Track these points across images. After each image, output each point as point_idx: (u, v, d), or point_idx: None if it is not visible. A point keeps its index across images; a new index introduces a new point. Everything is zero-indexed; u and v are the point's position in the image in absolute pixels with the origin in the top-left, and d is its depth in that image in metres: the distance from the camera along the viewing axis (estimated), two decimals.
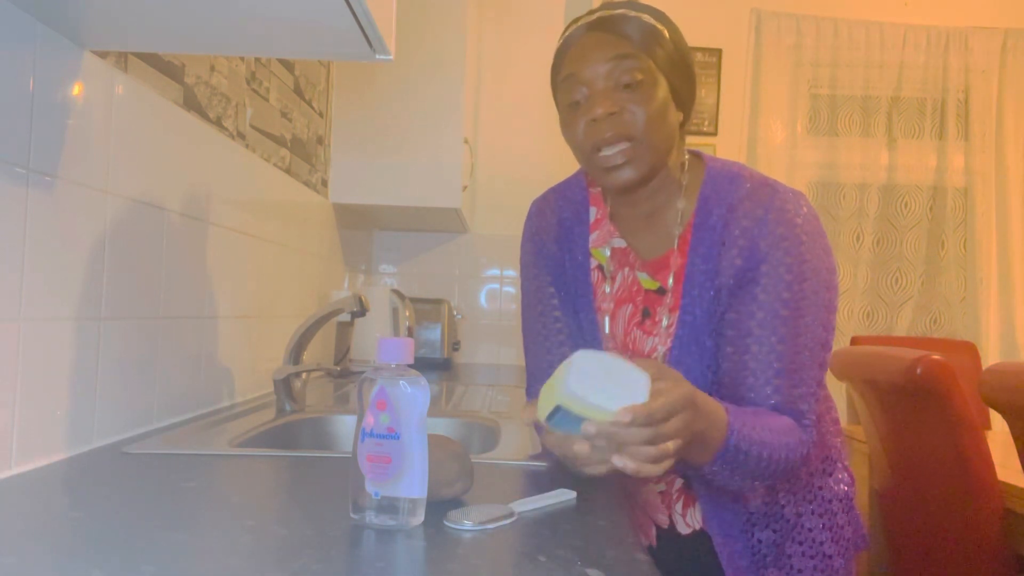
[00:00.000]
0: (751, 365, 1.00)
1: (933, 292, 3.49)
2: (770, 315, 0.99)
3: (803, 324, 1.00)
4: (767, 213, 1.01)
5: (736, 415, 0.92)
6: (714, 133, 3.42)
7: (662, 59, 1.01)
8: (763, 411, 0.99)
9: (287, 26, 0.92)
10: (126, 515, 0.75)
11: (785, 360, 0.99)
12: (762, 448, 0.93)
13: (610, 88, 0.99)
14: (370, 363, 2.32)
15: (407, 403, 0.74)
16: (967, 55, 3.45)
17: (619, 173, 1.00)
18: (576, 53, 1.02)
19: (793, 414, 1.00)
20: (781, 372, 0.99)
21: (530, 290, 1.19)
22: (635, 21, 1.00)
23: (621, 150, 0.99)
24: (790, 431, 0.98)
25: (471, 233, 3.22)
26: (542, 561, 0.66)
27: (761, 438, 0.93)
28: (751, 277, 1.01)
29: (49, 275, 0.96)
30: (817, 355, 1.01)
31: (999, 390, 1.66)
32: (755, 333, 1.00)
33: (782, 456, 0.96)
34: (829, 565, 1.10)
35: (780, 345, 0.99)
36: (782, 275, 0.99)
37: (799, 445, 0.99)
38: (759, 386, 1.00)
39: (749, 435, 0.92)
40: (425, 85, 2.50)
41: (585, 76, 1.00)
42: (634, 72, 0.98)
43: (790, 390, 1.00)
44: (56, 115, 0.96)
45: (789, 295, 0.99)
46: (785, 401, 1.00)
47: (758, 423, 0.95)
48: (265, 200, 1.77)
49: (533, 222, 1.20)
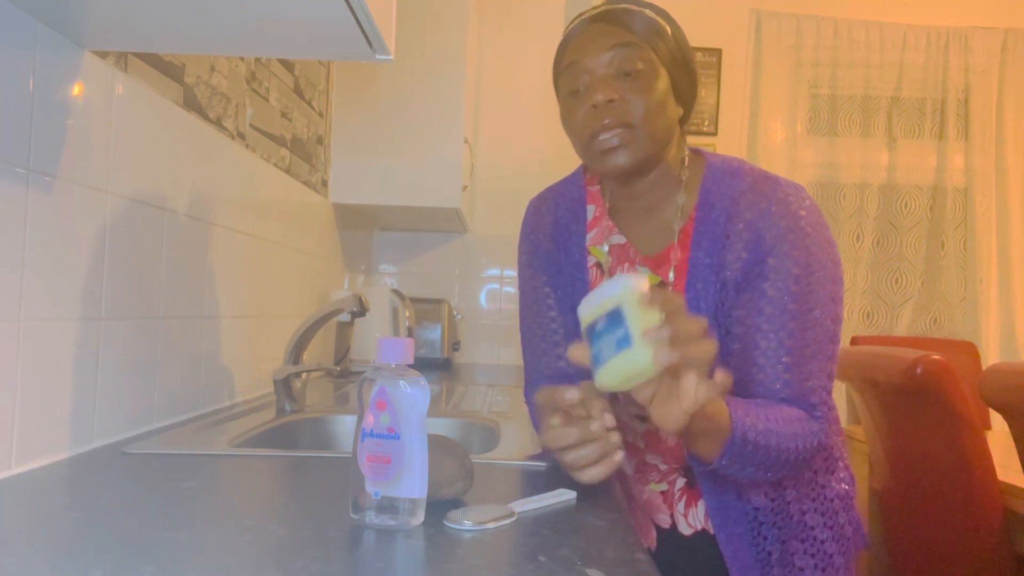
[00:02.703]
0: (760, 360, 1.00)
1: (933, 292, 3.49)
2: (778, 309, 0.99)
3: (811, 317, 1.00)
4: (771, 205, 1.01)
5: (738, 406, 0.92)
6: (714, 133, 3.41)
7: (663, 52, 1.01)
8: (769, 402, 0.99)
9: (287, 26, 0.92)
10: (126, 515, 0.75)
11: (794, 354, 0.99)
12: (770, 437, 0.93)
13: (611, 76, 1.00)
14: (370, 363, 2.32)
15: (407, 403, 0.74)
16: (967, 55, 3.45)
17: (614, 157, 1.00)
18: (578, 42, 1.02)
19: (804, 407, 1.00)
20: (790, 366, 0.99)
21: (527, 290, 1.19)
22: (638, 15, 1.01)
23: (617, 133, 0.99)
24: (799, 420, 0.98)
25: (471, 233, 3.22)
26: (542, 561, 0.66)
27: (768, 427, 0.93)
28: (758, 271, 1.01)
29: (49, 275, 0.96)
30: (826, 347, 1.01)
31: (999, 390, 1.66)
32: (763, 328, 1.00)
33: (794, 445, 0.96)
34: (830, 564, 1.10)
35: (789, 339, 0.99)
36: (789, 268, 0.99)
37: (811, 434, 0.98)
38: (768, 381, 1.00)
39: (755, 424, 0.92)
40: (425, 85, 2.50)
41: (586, 64, 1.00)
42: (635, 61, 0.99)
43: (800, 384, 0.99)
44: (56, 115, 0.96)
45: (797, 288, 0.99)
46: (795, 395, 1.00)
47: (763, 413, 0.94)
48: (265, 200, 1.77)
49: (530, 221, 1.20)
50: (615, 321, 0.77)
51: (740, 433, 0.90)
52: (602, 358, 0.79)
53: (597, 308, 0.80)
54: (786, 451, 0.95)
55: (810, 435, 0.98)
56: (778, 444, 0.94)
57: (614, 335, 0.77)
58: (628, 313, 0.77)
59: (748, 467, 0.94)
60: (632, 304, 0.77)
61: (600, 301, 0.80)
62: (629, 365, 0.76)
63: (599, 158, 1.01)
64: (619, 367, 0.77)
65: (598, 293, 0.80)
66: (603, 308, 0.79)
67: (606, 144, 0.99)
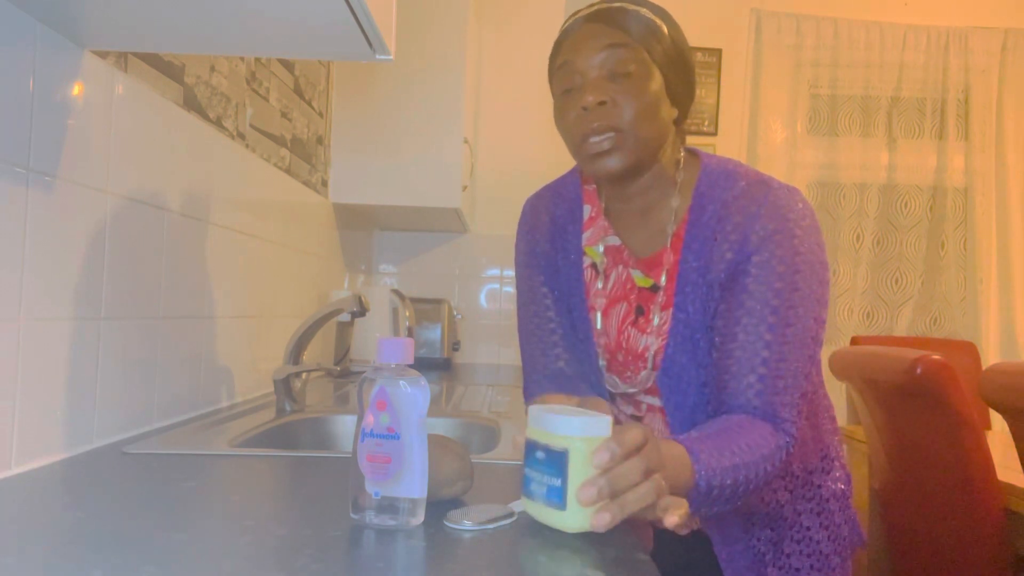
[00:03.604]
0: (736, 354, 0.98)
1: (933, 292, 3.49)
2: (760, 304, 0.98)
3: (794, 315, 0.98)
4: (760, 208, 1.00)
5: (698, 449, 0.87)
6: (714, 133, 3.41)
7: (658, 53, 1.00)
8: (731, 426, 0.94)
9: (287, 26, 0.92)
10: (126, 515, 0.75)
11: (772, 350, 0.97)
12: (736, 472, 0.89)
13: (602, 77, 0.99)
14: (370, 363, 2.32)
15: (407, 403, 0.74)
16: (967, 55, 3.44)
17: (605, 161, 1.00)
18: (572, 42, 1.02)
19: (771, 408, 0.97)
20: (767, 361, 0.97)
21: (524, 290, 1.19)
22: (633, 14, 1.01)
23: (608, 137, 0.98)
24: (764, 441, 0.94)
25: (471, 233, 3.22)
26: (542, 561, 0.66)
27: (734, 462, 0.89)
28: (743, 269, 1.00)
29: (49, 275, 0.96)
30: (806, 347, 0.99)
31: (999, 390, 1.66)
32: (743, 322, 0.98)
33: (760, 471, 0.92)
34: (826, 563, 1.10)
35: (768, 334, 0.97)
36: (774, 266, 0.98)
37: (776, 452, 0.95)
38: (742, 374, 0.97)
39: (718, 465, 0.87)
40: (425, 85, 2.50)
41: (579, 65, 1.00)
42: (627, 63, 0.98)
43: (773, 381, 0.97)
44: (56, 115, 0.96)
45: (781, 285, 0.98)
46: (766, 391, 0.97)
47: (726, 446, 0.90)
48: (265, 200, 1.77)
49: (527, 220, 1.20)
50: (557, 463, 0.73)
51: (705, 481, 0.86)
52: (533, 491, 0.75)
53: (544, 435, 0.75)
54: (754, 478, 0.92)
55: (775, 452, 0.95)
56: (745, 476, 0.90)
57: (551, 479, 0.73)
58: (571, 465, 0.72)
59: (715, 506, 0.91)
60: (578, 459, 0.72)
61: (550, 431, 0.75)
62: (559, 522, 0.73)
63: (589, 161, 1.01)
64: (549, 517, 0.74)
65: (552, 421, 0.75)
66: (550, 440, 0.74)
67: (596, 148, 0.99)
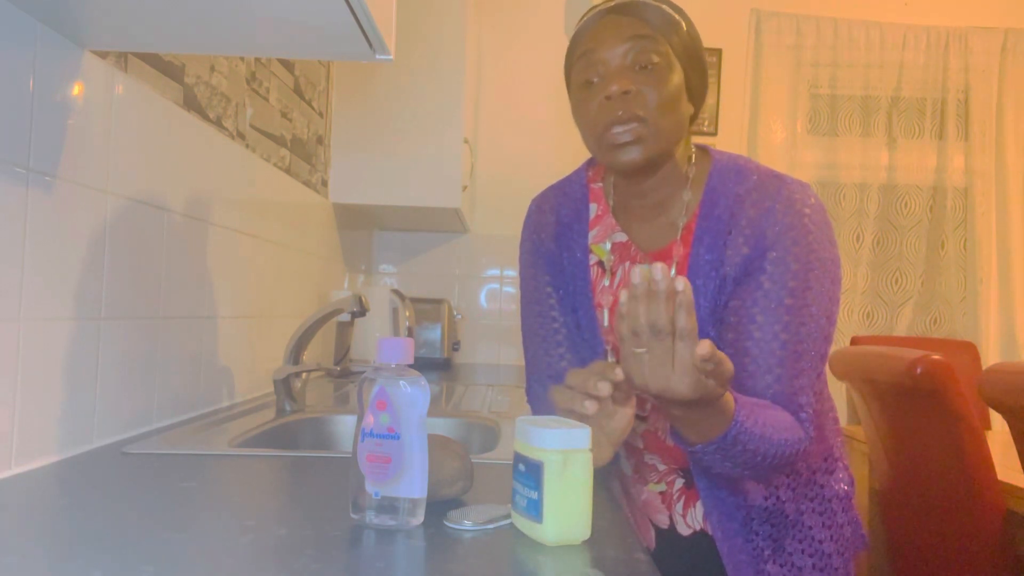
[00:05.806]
0: (752, 352, 1.00)
1: (933, 292, 3.49)
2: (775, 303, 0.99)
3: (808, 314, 0.99)
4: (775, 203, 1.01)
5: (743, 405, 0.92)
6: (714, 133, 3.41)
7: (679, 47, 1.01)
8: (769, 404, 0.98)
9: (287, 26, 0.92)
10: (126, 515, 0.75)
11: (788, 348, 0.99)
12: (760, 443, 0.93)
13: (626, 67, 0.99)
14: (370, 363, 2.32)
15: (407, 403, 0.74)
16: (967, 55, 3.44)
17: (627, 151, 1.00)
18: (593, 33, 1.02)
19: (791, 405, 1.00)
20: (783, 360, 0.99)
21: (528, 290, 1.19)
22: (655, 8, 1.01)
23: (631, 128, 0.99)
24: (792, 428, 0.98)
25: (471, 233, 3.22)
26: (542, 561, 0.66)
27: (763, 433, 0.93)
28: (758, 265, 1.01)
29: (49, 275, 0.96)
30: (819, 346, 1.01)
31: (999, 390, 1.66)
32: (758, 320, 1.00)
33: (778, 452, 0.96)
34: (828, 564, 1.10)
35: (784, 333, 0.99)
36: (789, 264, 0.99)
37: (797, 442, 0.98)
38: (760, 373, 0.99)
39: (751, 429, 0.91)
40: (425, 85, 2.50)
41: (602, 55, 1.00)
42: (650, 54, 0.99)
43: (791, 380, 0.99)
44: (56, 115, 0.96)
45: (795, 284, 0.99)
46: (785, 390, 0.99)
47: (762, 417, 0.94)
48: (265, 200, 1.77)
49: (532, 221, 1.20)
50: (534, 476, 0.73)
51: (734, 434, 0.90)
52: (517, 503, 0.76)
53: (525, 448, 0.76)
54: (770, 458, 0.95)
55: (796, 443, 0.98)
56: (764, 451, 0.94)
57: (529, 492, 0.74)
58: (546, 478, 0.72)
59: (727, 463, 0.95)
60: (553, 471, 0.72)
61: (529, 443, 0.75)
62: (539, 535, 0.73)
63: (611, 152, 1.01)
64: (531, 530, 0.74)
65: (530, 433, 0.75)
66: (529, 452, 0.75)
67: (620, 138, 0.99)
